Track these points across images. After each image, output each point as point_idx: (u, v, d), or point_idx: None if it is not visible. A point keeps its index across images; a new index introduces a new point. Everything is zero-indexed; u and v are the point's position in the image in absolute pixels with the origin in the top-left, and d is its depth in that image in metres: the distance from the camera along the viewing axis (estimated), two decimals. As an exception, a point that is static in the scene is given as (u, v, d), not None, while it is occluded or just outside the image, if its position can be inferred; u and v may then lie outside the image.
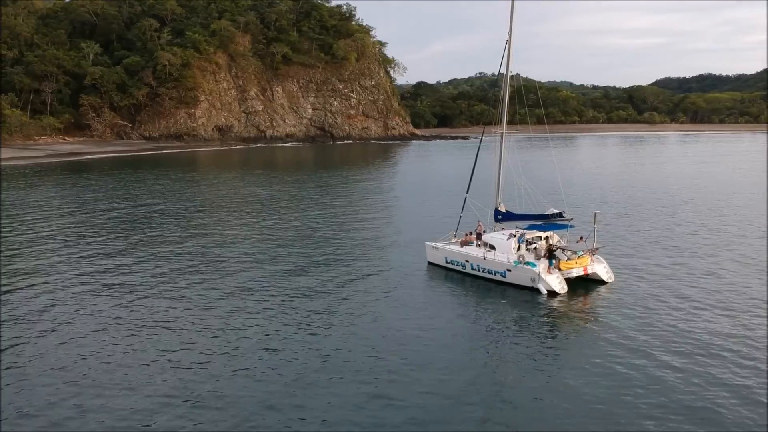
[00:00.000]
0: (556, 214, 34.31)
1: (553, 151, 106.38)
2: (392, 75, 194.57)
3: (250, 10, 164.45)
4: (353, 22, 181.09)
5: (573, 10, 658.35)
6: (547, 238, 33.76)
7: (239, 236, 44.55)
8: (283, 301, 29.89)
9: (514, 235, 33.80)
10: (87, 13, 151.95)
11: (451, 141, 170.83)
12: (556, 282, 30.74)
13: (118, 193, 65.57)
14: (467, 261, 34.28)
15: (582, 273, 32.02)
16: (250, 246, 41.42)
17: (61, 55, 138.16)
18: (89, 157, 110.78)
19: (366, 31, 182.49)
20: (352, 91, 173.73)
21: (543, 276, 30.68)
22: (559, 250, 32.72)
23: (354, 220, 51.55)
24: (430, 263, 36.68)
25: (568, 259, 32.09)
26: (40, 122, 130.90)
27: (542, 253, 32.48)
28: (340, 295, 30.95)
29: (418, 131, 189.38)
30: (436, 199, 61.87)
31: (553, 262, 31.53)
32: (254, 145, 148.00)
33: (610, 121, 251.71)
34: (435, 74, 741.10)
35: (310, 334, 25.69)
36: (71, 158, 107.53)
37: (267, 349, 24.12)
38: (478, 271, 33.62)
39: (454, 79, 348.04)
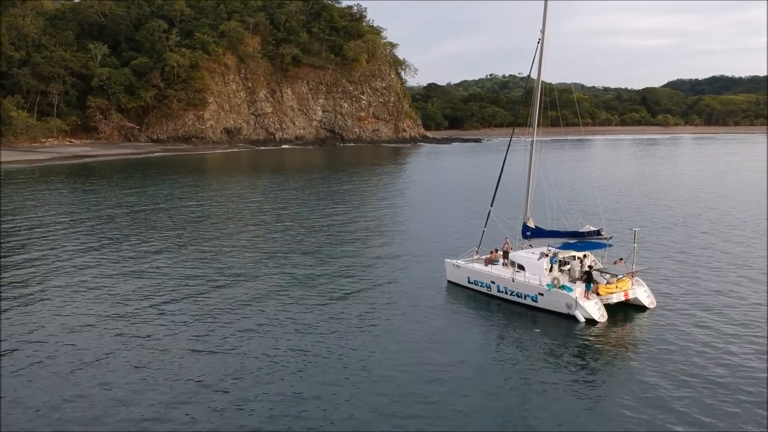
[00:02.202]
0: (594, 231, 31.22)
1: (590, 155, 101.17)
2: (403, 77, 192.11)
3: (260, 11, 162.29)
4: (364, 23, 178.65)
5: (579, 10, 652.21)
6: (584, 258, 30.71)
7: (245, 245, 41.88)
8: (281, 323, 27.32)
9: (546, 255, 30.73)
10: (95, 14, 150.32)
11: (463, 143, 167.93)
12: (594, 309, 27.72)
13: (122, 198, 63.05)
14: (493, 282, 31.30)
15: (623, 298, 29.03)
16: (255, 256, 38.70)
17: (69, 56, 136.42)
18: (95, 159, 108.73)
19: (377, 32, 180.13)
20: (363, 93, 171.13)
21: (580, 302, 27.71)
22: (597, 272, 29.69)
23: (365, 231, 48.58)
24: (450, 282, 33.63)
25: (608, 282, 29.11)
26: (47, 124, 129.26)
27: (577, 275, 29.46)
28: (349, 317, 28.07)
29: (429, 133, 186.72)
30: (453, 209, 58.59)
31: (591, 286, 28.52)
32: (263, 148, 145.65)
33: (623, 123, 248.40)
34: (445, 75, 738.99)
35: (308, 366, 22.96)
36: (77, 161, 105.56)
37: (271, 364, 22.64)
38: (506, 294, 30.64)
39: (465, 80, 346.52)
